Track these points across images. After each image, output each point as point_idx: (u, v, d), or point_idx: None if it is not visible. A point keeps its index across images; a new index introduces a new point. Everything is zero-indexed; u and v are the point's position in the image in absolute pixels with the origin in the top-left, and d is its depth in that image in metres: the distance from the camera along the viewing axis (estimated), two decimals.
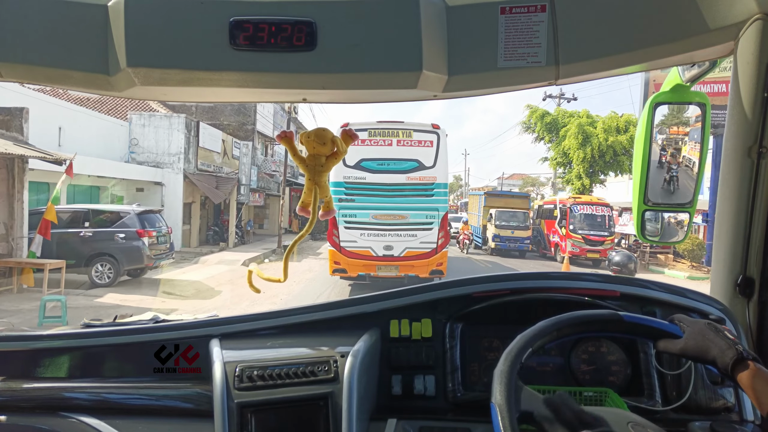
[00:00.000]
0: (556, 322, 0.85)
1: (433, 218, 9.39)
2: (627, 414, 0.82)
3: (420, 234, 9.38)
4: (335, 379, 1.06)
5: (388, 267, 9.45)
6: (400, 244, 9.36)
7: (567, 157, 23.55)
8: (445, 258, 9.71)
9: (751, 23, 1.00)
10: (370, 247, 9.33)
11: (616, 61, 1.10)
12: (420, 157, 9.33)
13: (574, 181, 23.58)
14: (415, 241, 9.39)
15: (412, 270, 9.43)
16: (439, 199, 9.48)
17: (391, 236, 9.33)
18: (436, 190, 9.42)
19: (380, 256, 9.36)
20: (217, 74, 1.05)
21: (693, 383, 1.12)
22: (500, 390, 0.74)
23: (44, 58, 1.05)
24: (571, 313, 0.87)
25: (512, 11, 1.07)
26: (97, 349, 1.30)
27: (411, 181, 9.31)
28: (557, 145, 24.05)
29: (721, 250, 1.14)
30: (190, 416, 1.19)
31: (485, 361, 1.27)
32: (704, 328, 0.83)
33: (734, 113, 1.08)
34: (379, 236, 9.31)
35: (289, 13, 1.02)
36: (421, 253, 9.40)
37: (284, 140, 1.19)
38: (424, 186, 9.35)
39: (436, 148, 9.36)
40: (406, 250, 9.38)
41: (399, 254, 9.40)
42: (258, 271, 1.24)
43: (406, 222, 9.34)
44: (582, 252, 17.52)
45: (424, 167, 9.32)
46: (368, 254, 9.36)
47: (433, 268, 9.48)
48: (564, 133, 23.53)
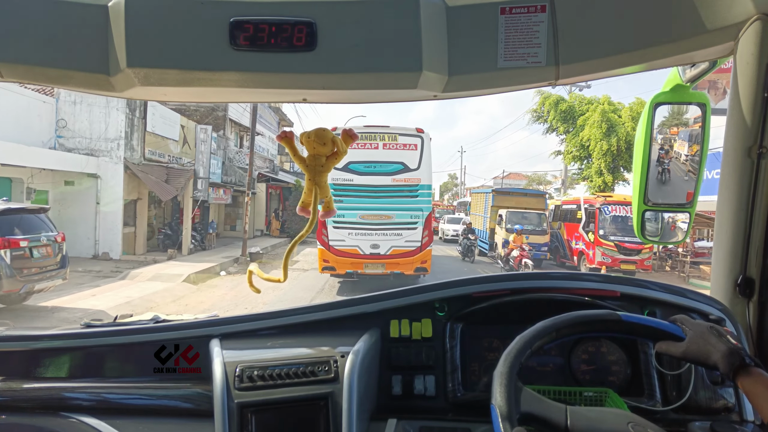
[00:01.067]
0: (555, 322, 0.85)
1: (417, 218, 9.85)
2: (627, 414, 0.82)
3: (405, 233, 9.85)
4: (335, 379, 1.06)
5: (375, 264, 9.87)
6: (386, 243, 9.81)
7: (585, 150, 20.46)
8: (429, 256, 10.21)
9: (750, 23, 0.99)
10: (357, 246, 9.75)
11: (616, 62, 1.10)
12: (405, 160, 9.79)
13: (593, 178, 20.43)
14: (400, 240, 9.83)
15: (398, 267, 9.88)
16: (423, 200, 9.93)
17: (377, 235, 9.78)
18: (421, 191, 9.89)
19: (367, 254, 9.78)
20: (217, 74, 1.05)
21: (693, 383, 1.12)
22: (500, 391, 0.75)
23: (44, 58, 1.05)
24: (570, 313, 0.87)
25: (512, 11, 1.07)
26: (97, 349, 1.31)
27: (396, 183, 9.77)
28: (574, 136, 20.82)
29: (721, 250, 1.14)
30: (190, 416, 1.19)
31: (485, 361, 1.27)
32: (706, 331, 0.83)
33: (734, 113, 1.07)
34: (366, 235, 9.75)
35: (289, 14, 1.02)
36: (406, 251, 9.86)
37: (284, 140, 1.19)
38: (409, 187, 9.82)
39: (420, 151, 9.81)
40: (392, 248, 9.83)
41: (385, 252, 9.84)
42: (258, 271, 1.24)
43: (391, 222, 9.79)
44: (614, 263, 14.05)
45: (408, 169, 9.78)
46: (356, 252, 9.78)
47: (417, 266, 9.95)
48: (582, 122, 20.38)
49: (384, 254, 9.82)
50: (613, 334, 0.91)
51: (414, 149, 9.81)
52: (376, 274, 9.94)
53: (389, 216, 9.76)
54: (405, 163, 9.78)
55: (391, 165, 9.76)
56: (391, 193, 9.74)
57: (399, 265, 9.85)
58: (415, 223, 9.81)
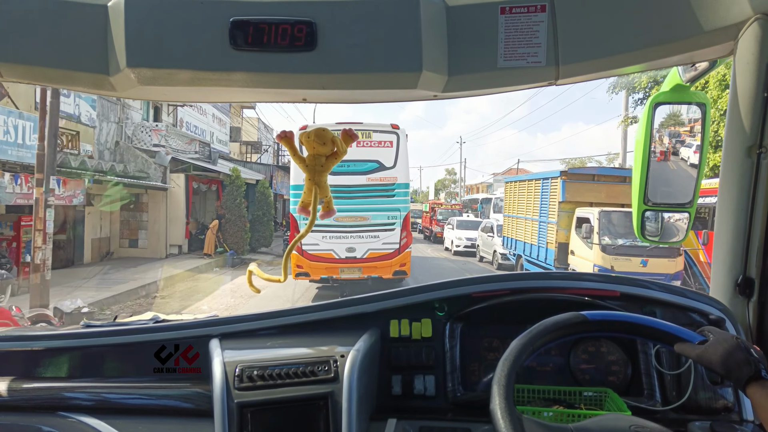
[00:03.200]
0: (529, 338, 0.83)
1: (395, 219, 9.40)
2: (629, 418, 0.82)
3: (382, 235, 9.38)
4: (335, 379, 1.06)
5: (351, 269, 9.39)
6: (362, 246, 9.34)
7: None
8: (409, 258, 9.74)
9: (750, 23, 1.00)
10: (332, 250, 9.27)
11: (616, 61, 1.10)
12: (380, 158, 9.29)
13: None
14: (377, 243, 9.37)
15: (375, 271, 9.39)
16: (401, 200, 9.49)
17: (353, 238, 9.30)
18: (398, 191, 9.43)
19: (343, 258, 9.30)
20: (217, 74, 1.05)
21: (693, 383, 1.12)
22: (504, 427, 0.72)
23: (44, 58, 1.05)
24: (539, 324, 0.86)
25: (512, 11, 1.07)
26: (97, 349, 1.30)
27: (372, 182, 9.28)
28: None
29: (721, 250, 1.14)
30: (190, 416, 1.19)
31: (485, 361, 1.27)
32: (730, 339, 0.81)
33: (734, 113, 1.07)
34: (341, 238, 9.27)
35: (289, 13, 1.02)
36: (383, 254, 9.38)
37: (284, 140, 1.19)
38: (385, 187, 9.34)
39: (396, 149, 9.32)
40: (369, 251, 9.35)
41: (362, 256, 9.34)
42: (258, 271, 1.24)
43: (367, 223, 9.31)
44: None
45: (384, 168, 9.30)
46: (330, 257, 9.28)
47: (396, 269, 9.48)
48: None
49: (361, 258, 9.31)
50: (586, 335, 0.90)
51: (390, 146, 9.29)
52: (353, 278, 9.44)
53: (365, 217, 9.25)
54: (380, 162, 9.27)
55: (366, 163, 9.20)
56: (366, 193, 9.21)
57: (377, 268, 9.35)
58: (392, 224, 9.36)
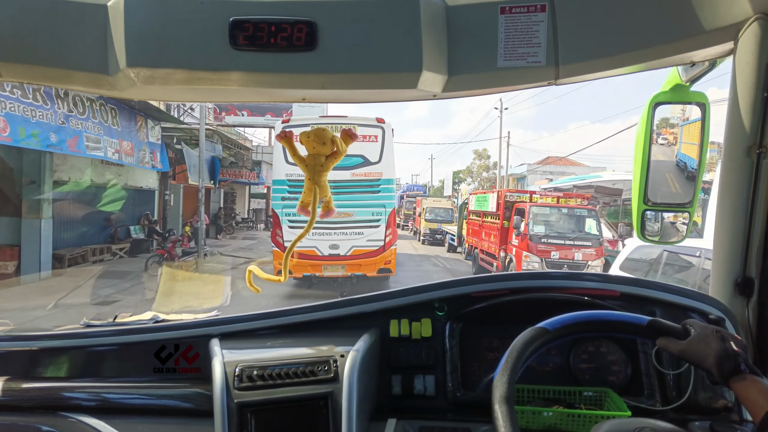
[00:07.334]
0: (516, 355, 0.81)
1: (380, 215, 9.18)
2: (633, 421, 0.81)
3: (367, 232, 9.17)
4: (335, 379, 1.06)
5: (335, 266, 9.18)
6: (346, 243, 9.11)
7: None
8: (394, 255, 9.51)
9: (750, 23, 1.00)
10: (315, 247, 9.02)
11: (616, 61, 1.10)
12: (365, 153, 9.02)
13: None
14: (361, 239, 9.16)
15: (360, 269, 9.21)
16: (386, 195, 9.26)
17: (336, 235, 9.05)
18: (383, 186, 9.20)
19: (326, 256, 9.07)
20: (217, 74, 1.05)
21: (693, 383, 1.12)
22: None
23: (44, 58, 1.06)
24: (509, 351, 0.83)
25: (512, 11, 1.07)
26: (97, 348, 1.31)
27: (356, 178, 9.01)
28: None
29: (721, 250, 1.14)
30: (190, 416, 1.19)
31: (485, 361, 1.27)
32: (710, 335, 0.82)
33: (734, 113, 1.07)
34: (324, 235, 9.01)
35: (289, 13, 1.02)
36: (368, 251, 9.17)
37: (284, 140, 1.19)
38: (370, 182, 9.11)
39: (381, 143, 9.08)
40: (353, 248, 9.15)
41: (345, 253, 9.13)
42: (258, 271, 1.24)
43: (351, 220, 9.07)
44: None
45: (369, 163, 9.04)
46: (313, 254, 9.02)
47: (381, 267, 9.28)
48: None
49: (344, 255, 9.08)
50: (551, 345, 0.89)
51: (375, 141, 9.01)
52: (336, 276, 9.24)
53: (349, 214, 8.97)
54: (365, 156, 8.99)
55: (350, 158, 8.81)
56: (350, 189, 8.90)
57: (361, 266, 9.15)
58: (377, 221, 9.12)
